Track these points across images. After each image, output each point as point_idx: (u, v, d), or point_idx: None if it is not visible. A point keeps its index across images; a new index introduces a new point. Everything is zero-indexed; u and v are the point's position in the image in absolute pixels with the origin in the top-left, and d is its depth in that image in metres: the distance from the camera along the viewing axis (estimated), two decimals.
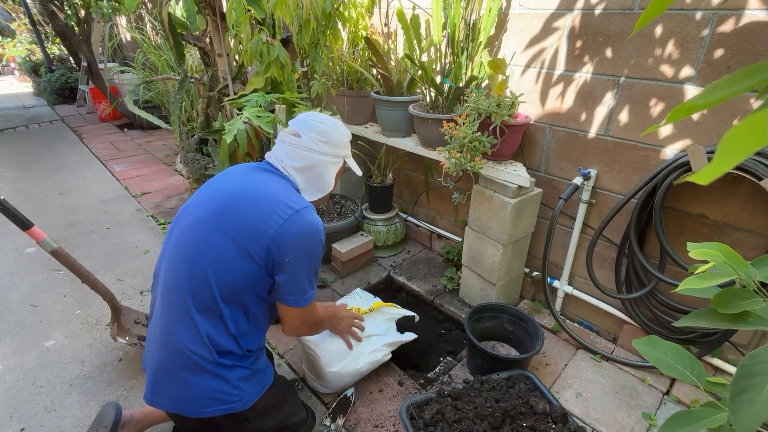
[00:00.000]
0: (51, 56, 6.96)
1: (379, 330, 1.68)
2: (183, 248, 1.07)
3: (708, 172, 0.33)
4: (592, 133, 1.73)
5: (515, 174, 1.76)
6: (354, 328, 1.59)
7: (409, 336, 1.74)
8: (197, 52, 2.50)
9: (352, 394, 1.63)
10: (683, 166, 1.44)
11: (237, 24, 1.66)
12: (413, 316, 1.84)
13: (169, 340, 1.05)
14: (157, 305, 1.11)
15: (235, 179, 1.14)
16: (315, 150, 1.15)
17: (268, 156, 1.21)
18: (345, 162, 1.25)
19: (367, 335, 1.63)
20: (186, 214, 1.13)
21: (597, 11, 1.57)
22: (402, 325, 1.78)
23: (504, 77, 1.74)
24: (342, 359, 1.56)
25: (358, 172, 1.33)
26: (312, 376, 1.65)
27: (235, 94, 2.23)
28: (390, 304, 1.81)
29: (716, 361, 1.64)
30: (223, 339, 1.05)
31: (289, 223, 1.04)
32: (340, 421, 1.53)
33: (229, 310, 1.05)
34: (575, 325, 2.03)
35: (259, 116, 1.57)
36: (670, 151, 1.55)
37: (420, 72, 1.99)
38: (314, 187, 1.20)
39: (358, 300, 1.80)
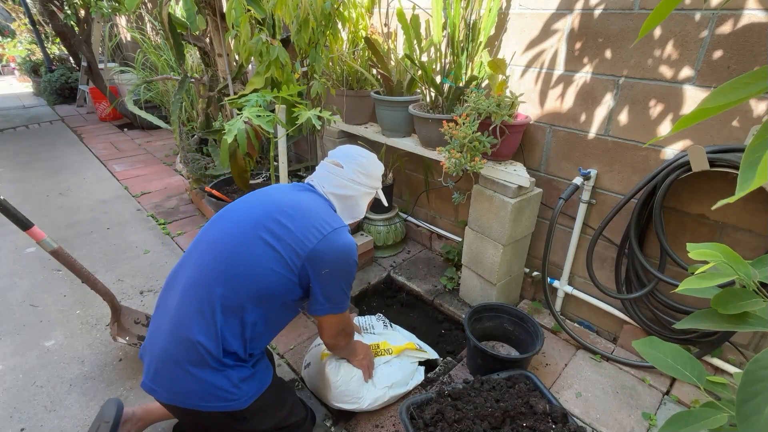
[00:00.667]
0: (51, 56, 6.95)
1: (401, 378, 1.63)
2: (223, 247, 1.11)
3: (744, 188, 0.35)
4: (592, 133, 1.73)
5: (515, 174, 1.76)
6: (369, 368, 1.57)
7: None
8: (197, 52, 2.50)
9: None
10: (683, 166, 1.43)
11: (237, 24, 1.66)
12: (436, 359, 1.82)
13: (182, 331, 1.06)
14: (172, 294, 1.12)
15: (282, 193, 1.23)
16: (355, 181, 1.26)
17: (310, 179, 1.30)
18: (377, 192, 1.36)
19: (390, 384, 1.58)
20: (230, 214, 1.18)
21: (597, 11, 1.57)
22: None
23: (504, 77, 1.74)
24: (354, 398, 1.52)
25: (386, 203, 1.48)
26: (314, 391, 1.64)
27: (235, 94, 2.23)
28: (414, 346, 1.75)
29: (716, 361, 1.64)
30: (234, 340, 1.08)
31: (328, 239, 1.11)
32: (341, 425, 1.53)
33: (252, 314, 1.08)
34: (575, 325, 2.03)
35: (259, 116, 1.57)
36: (670, 151, 1.55)
37: (420, 72, 1.99)
38: (348, 214, 1.31)
39: (382, 328, 1.82)
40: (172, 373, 1.07)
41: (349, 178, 1.25)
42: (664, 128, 1.53)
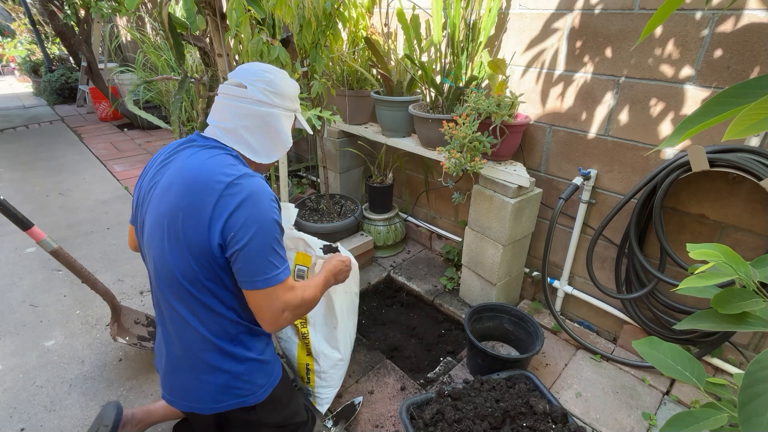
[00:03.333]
0: (51, 56, 6.95)
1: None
2: (149, 254, 1.02)
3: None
4: (592, 133, 1.73)
5: (515, 174, 1.76)
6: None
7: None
8: (197, 52, 2.50)
9: (359, 403, 1.63)
10: (683, 166, 1.43)
11: (237, 24, 1.66)
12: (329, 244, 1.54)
13: (174, 338, 1.06)
14: (158, 304, 1.11)
15: (164, 168, 1.02)
16: (264, 102, 1.02)
17: (211, 115, 1.06)
18: (296, 117, 1.14)
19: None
20: (140, 210, 1.05)
21: (597, 11, 1.57)
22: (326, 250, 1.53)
23: (504, 77, 1.74)
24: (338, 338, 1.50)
25: (309, 129, 1.23)
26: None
27: None
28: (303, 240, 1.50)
29: (716, 361, 1.64)
30: (225, 326, 1.03)
31: (223, 197, 0.91)
32: (342, 425, 1.53)
33: (216, 300, 1.00)
34: (575, 325, 2.03)
35: None
36: (670, 151, 1.55)
37: (420, 72, 1.99)
38: (270, 146, 1.07)
39: (298, 243, 1.51)
40: (182, 383, 1.08)
41: (257, 100, 1.01)
42: (665, 128, 1.53)
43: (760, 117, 0.46)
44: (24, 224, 1.45)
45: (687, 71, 1.43)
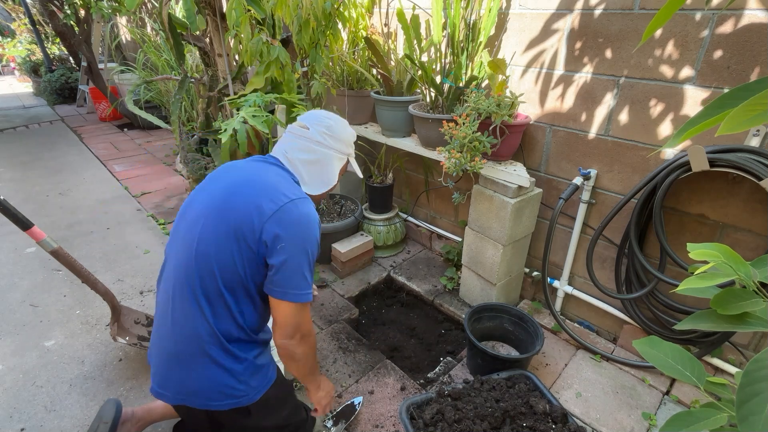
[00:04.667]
0: (51, 56, 6.95)
1: None
2: (189, 243, 1.08)
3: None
4: (592, 133, 1.73)
5: (515, 174, 1.76)
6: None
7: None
8: (197, 52, 2.50)
9: (359, 403, 1.62)
10: (683, 166, 1.43)
11: (237, 24, 1.66)
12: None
13: (181, 329, 1.06)
14: (165, 297, 1.12)
15: (235, 172, 1.15)
16: (322, 143, 1.18)
17: (273, 150, 1.24)
18: (348, 161, 1.28)
19: None
20: (190, 208, 1.15)
21: (597, 11, 1.57)
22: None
23: (504, 77, 1.74)
24: None
25: (359, 173, 1.37)
26: None
27: (235, 94, 2.23)
28: None
29: (716, 361, 1.64)
30: (231, 327, 1.07)
31: (283, 210, 1.04)
32: (342, 426, 1.53)
33: (234, 299, 1.06)
34: (575, 325, 2.03)
35: (255, 116, 1.57)
36: (670, 151, 1.55)
37: (420, 72, 1.99)
38: (319, 181, 1.21)
39: None
40: (178, 374, 1.07)
41: (316, 141, 1.18)
42: (665, 128, 1.53)
43: (760, 110, 0.46)
44: (24, 224, 1.45)
45: (687, 71, 1.43)
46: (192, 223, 1.10)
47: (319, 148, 1.18)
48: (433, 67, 2.01)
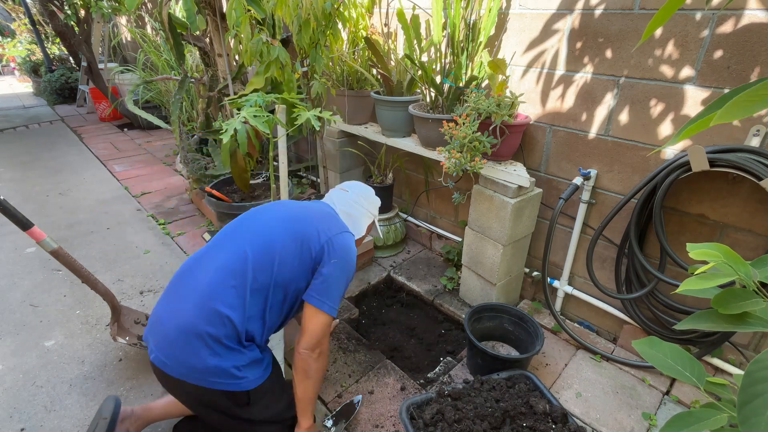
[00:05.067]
0: (51, 56, 6.95)
1: None
2: (262, 237, 1.25)
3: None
4: (592, 133, 1.73)
5: (515, 174, 1.76)
6: None
7: None
8: (197, 52, 2.50)
9: (359, 401, 1.62)
10: (683, 166, 1.43)
11: (237, 24, 1.66)
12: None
13: (213, 304, 1.12)
14: (202, 273, 1.19)
15: (304, 202, 1.47)
16: (357, 202, 1.50)
17: (328, 197, 1.54)
18: (374, 222, 1.56)
19: None
20: (265, 212, 1.36)
21: (597, 11, 1.57)
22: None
23: (504, 77, 1.74)
24: None
25: (380, 235, 1.74)
26: None
27: (235, 94, 2.23)
28: None
29: (716, 361, 1.64)
30: (256, 321, 1.18)
31: (341, 236, 1.32)
32: (341, 425, 1.53)
33: (273, 297, 1.20)
34: (575, 325, 2.03)
35: (256, 116, 1.57)
36: (670, 151, 1.55)
37: (420, 72, 1.99)
38: (351, 230, 1.45)
39: None
40: (188, 346, 1.10)
41: (353, 200, 1.50)
42: (665, 128, 1.53)
43: (758, 99, 0.46)
44: (24, 224, 1.45)
45: (687, 71, 1.43)
46: (268, 221, 1.31)
47: (356, 206, 1.49)
48: (433, 67, 2.01)
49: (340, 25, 2.04)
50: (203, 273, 1.19)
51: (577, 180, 1.74)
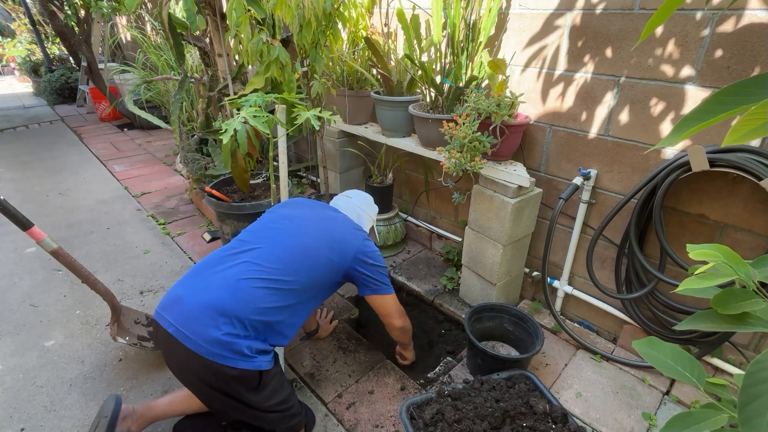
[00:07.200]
0: (51, 56, 6.95)
1: None
2: (293, 239, 1.37)
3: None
4: (593, 133, 1.73)
5: (515, 174, 1.76)
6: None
7: None
8: (197, 52, 2.50)
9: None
10: (683, 166, 1.43)
11: (237, 24, 1.66)
12: None
13: (246, 285, 1.21)
14: (235, 260, 1.27)
15: (323, 203, 1.63)
16: (360, 207, 1.66)
17: (334, 203, 1.67)
18: (373, 227, 1.73)
19: None
20: (295, 213, 1.49)
21: (597, 11, 1.57)
22: None
23: (504, 77, 1.74)
24: None
25: (378, 240, 1.93)
26: None
27: (235, 94, 2.23)
28: None
29: (716, 361, 1.64)
30: (275, 314, 1.24)
31: (367, 241, 1.50)
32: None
33: (297, 300, 1.29)
34: (575, 325, 2.03)
35: (256, 116, 1.57)
36: (670, 151, 1.55)
37: (420, 72, 1.99)
38: None
39: None
40: (211, 320, 1.14)
41: (357, 206, 1.66)
42: (665, 128, 1.53)
43: (759, 122, 0.46)
44: (24, 224, 1.45)
45: (687, 71, 1.43)
46: (299, 222, 1.43)
47: (359, 211, 1.65)
48: (433, 67, 2.01)
49: (340, 25, 2.04)
50: (234, 267, 1.26)
51: (577, 180, 1.74)
